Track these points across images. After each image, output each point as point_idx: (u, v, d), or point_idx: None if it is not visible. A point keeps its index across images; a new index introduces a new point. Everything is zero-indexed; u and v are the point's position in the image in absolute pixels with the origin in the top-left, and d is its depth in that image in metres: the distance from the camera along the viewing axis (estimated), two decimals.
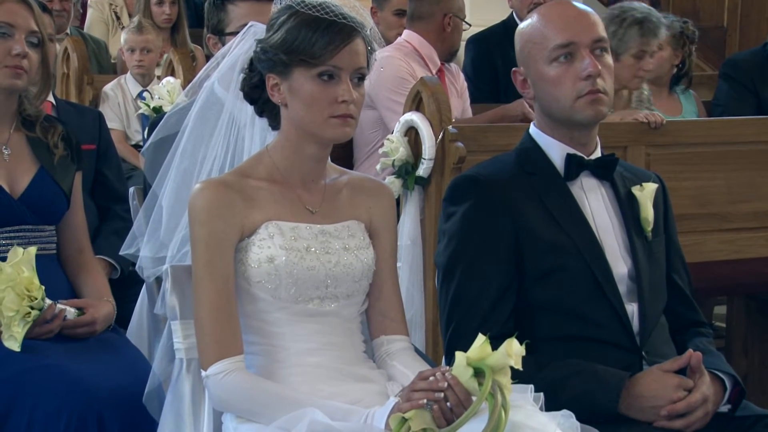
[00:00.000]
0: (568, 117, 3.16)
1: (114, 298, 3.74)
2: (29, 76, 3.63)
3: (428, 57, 5.76)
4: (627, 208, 3.25)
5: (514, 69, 3.27)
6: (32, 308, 3.36)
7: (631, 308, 3.17)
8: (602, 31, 3.18)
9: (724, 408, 3.13)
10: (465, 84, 6.02)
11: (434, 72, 5.67)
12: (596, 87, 3.12)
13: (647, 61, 5.32)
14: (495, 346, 2.62)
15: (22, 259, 3.36)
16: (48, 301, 3.42)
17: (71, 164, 3.75)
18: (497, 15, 7.09)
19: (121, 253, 3.36)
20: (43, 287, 3.38)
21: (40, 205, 3.65)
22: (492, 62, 6.36)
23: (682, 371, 3.06)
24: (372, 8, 6.34)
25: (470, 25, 5.99)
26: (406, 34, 5.83)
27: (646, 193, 3.26)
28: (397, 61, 5.57)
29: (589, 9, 3.23)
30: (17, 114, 3.70)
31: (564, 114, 3.16)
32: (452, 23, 5.79)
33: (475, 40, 6.78)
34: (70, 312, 3.53)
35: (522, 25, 3.26)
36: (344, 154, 5.47)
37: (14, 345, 3.34)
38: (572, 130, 3.20)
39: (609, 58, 3.18)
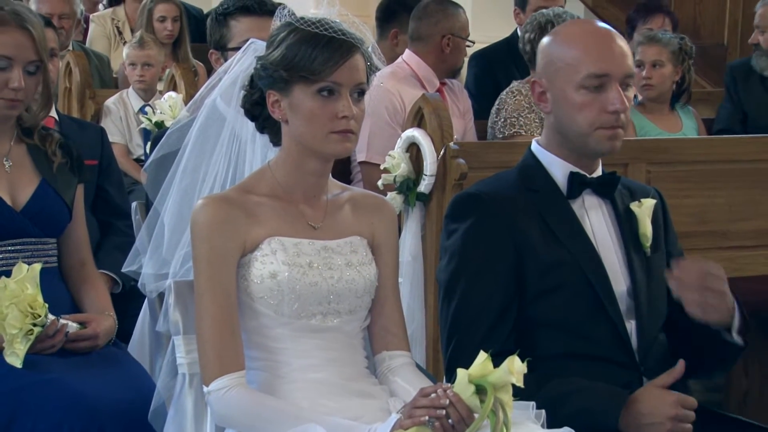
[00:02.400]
0: (583, 143, 3.15)
1: (116, 313, 3.74)
2: (25, 103, 3.63)
3: (425, 78, 5.72)
4: (626, 224, 3.25)
5: (533, 80, 3.23)
6: (35, 325, 3.36)
7: (630, 325, 3.18)
8: (633, 65, 3.17)
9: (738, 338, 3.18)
10: (469, 103, 5.99)
11: (432, 92, 5.64)
12: (619, 123, 3.12)
13: None
14: (495, 363, 2.63)
15: (27, 275, 3.35)
16: (51, 317, 3.42)
17: (72, 176, 3.75)
18: (499, 32, 7.10)
19: (123, 270, 3.36)
20: (47, 305, 3.38)
21: (42, 218, 3.64)
22: (494, 79, 6.35)
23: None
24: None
25: (473, 43, 5.96)
26: (407, 54, 5.81)
27: (644, 209, 3.26)
28: (388, 98, 5.53)
29: (623, 40, 3.20)
30: (16, 125, 3.71)
31: (580, 140, 3.15)
32: (452, 44, 5.76)
33: (478, 57, 6.79)
34: (72, 327, 3.53)
35: (549, 39, 3.20)
36: (343, 170, 5.47)
37: (16, 362, 3.33)
38: (581, 153, 3.19)
39: (631, 92, 3.17)
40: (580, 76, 3.11)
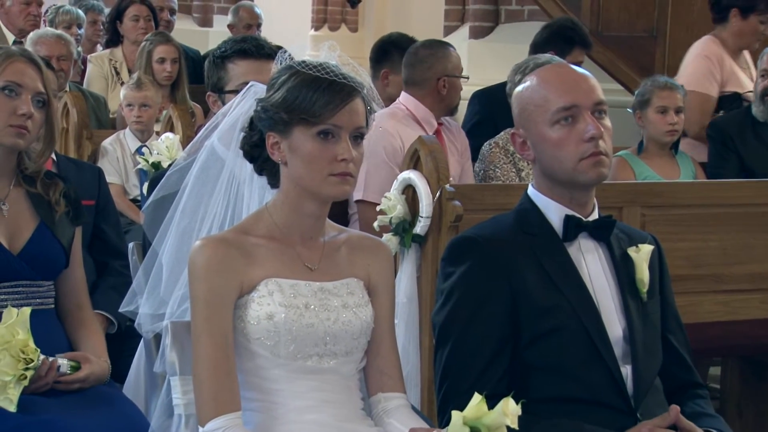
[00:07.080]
0: (570, 179, 3.18)
1: (111, 352, 3.73)
2: (31, 135, 3.65)
3: (424, 119, 5.72)
4: (622, 269, 3.26)
5: (512, 131, 3.29)
6: (28, 369, 3.34)
7: (626, 370, 3.18)
8: (601, 93, 3.20)
9: None
10: (467, 143, 5.98)
11: (431, 133, 5.66)
12: (599, 149, 3.14)
13: None
14: (488, 406, 2.63)
15: (17, 320, 3.33)
16: (41, 357, 3.41)
17: (72, 220, 3.76)
18: (495, 74, 7.12)
19: (120, 310, 3.37)
20: (39, 349, 3.35)
21: (39, 261, 3.64)
22: (493, 119, 6.35)
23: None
24: None
25: (468, 78, 5.95)
26: (403, 97, 5.81)
27: (641, 255, 3.27)
28: (387, 138, 5.56)
29: (587, 72, 3.26)
30: (17, 170, 3.72)
31: (567, 176, 3.17)
32: (448, 84, 5.77)
33: (479, 95, 6.79)
34: (64, 364, 3.52)
35: (519, 88, 3.27)
36: (340, 212, 5.48)
37: (10, 406, 3.30)
38: (573, 191, 3.21)
39: (608, 120, 3.20)
40: (550, 112, 3.16)
